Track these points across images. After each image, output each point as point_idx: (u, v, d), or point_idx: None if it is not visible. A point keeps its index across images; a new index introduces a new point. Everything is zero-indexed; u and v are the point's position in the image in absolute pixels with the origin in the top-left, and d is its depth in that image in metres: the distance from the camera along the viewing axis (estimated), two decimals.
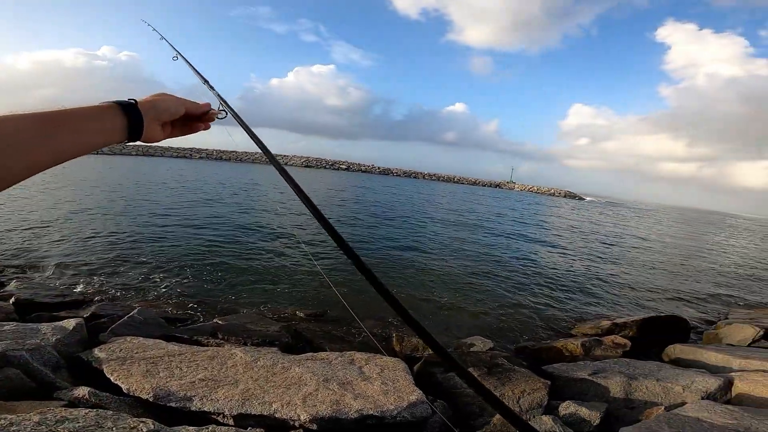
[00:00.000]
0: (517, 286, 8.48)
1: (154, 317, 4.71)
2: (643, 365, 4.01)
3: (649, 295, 9.19)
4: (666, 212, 74.04)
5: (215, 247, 9.07)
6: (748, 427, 2.50)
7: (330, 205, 20.01)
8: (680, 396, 3.37)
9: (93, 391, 2.47)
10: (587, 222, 27.94)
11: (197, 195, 18.59)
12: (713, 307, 8.67)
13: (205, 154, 66.55)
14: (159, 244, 8.87)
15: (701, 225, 42.69)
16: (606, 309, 7.73)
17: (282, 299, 6.35)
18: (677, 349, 4.89)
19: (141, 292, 6.08)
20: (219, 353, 3.36)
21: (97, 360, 2.99)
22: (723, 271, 13.52)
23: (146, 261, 7.59)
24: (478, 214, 23.90)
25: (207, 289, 6.49)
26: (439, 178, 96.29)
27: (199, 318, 5.31)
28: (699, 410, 2.80)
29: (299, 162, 78.44)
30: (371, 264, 7.09)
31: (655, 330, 5.84)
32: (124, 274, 6.76)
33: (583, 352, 4.83)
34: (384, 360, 3.53)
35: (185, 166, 41.29)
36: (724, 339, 5.82)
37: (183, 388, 2.70)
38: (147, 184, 21.07)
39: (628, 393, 3.45)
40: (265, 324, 4.72)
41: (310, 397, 2.73)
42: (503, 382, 3.31)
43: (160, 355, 3.19)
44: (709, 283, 11.13)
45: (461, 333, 5.57)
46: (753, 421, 2.57)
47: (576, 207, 50.25)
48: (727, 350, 4.65)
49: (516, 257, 11.65)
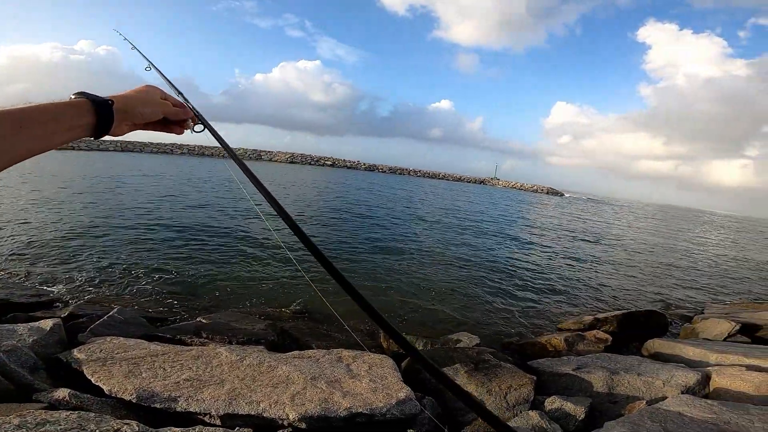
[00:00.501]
0: (502, 283, 8.57)
1: (135, 316, 4.61)
2: (624, 360, 4.08)
3: (629, 290, 9.39)
4: (644, 209, 75.78)
5: (195, 246, 8.90)
6: (728, 422, 2.57)
7: (313, 202, 19.86)
8: (661, 390, 3.44)
9: (74, 393, 2.39)
10: (569, 218, 28.40)
11: (176, 192, 18.25)
12: (690, 302, 8.91)
13: (186, 150, 65.08)
14: (136, 243, 8.67)
15: (678, 222, 43.82)
16: (588, 304, 7.88)
17: (266, 297, 6.28)
18: (656, 343, 4.98)
19: (120, 292, 5.93)
20: (203, 353, 3.30)
21: (76, 361, 2.90)
22: (699, 266, 13.91)
23: (124, 260, 7.40)
24: (463, 211, 24.06)
25: (188, 287, 6.37)
26: (424, 175, 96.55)
27: (181, 317, 5.21)
28: (680, 404, 2.86)
29: (284, 158, 77.55)
30: (355, 262, 7.09)
31: (635, 325, 5.98)
32: (101, 274, 6.58)
33: (567, 347, 4.91)
34: (372, 357, 3.53)
35: (165, 162, 40.43)
36: (701, 333, 5.97)
37: (167, 388, 2.64)
38: (124, 181, 20.59)
39: (610, 388, 3.51)
40: (250, 322, 4.67)
41: (298, 395, 2.70)
42: (490, 378, 3.34)
43: (143, 356, 3.11)
44: (685, 279, 11.44)
45: (447, 329, 5.60)
46: (732, 415, 2.64)
47: (558, 204, 51.02)
48: (704, 345, 4.76)
49: (500, 254, 11.76)
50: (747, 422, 2.55)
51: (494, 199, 43.35)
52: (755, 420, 2.57)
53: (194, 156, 61.00)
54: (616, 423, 2.62)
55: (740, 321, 5.90)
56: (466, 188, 62.45)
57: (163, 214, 12.15)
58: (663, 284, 10.43)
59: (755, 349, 4.57)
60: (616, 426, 2.57)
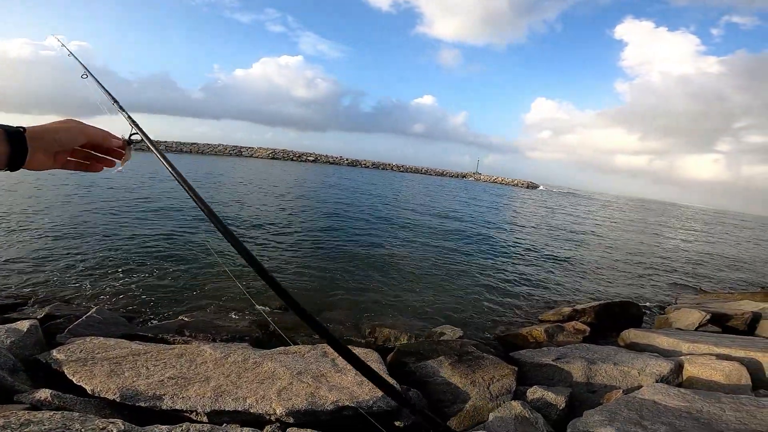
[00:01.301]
0: (483, 277, 8.70)
1: (114, 316, 4.54)
2: (601, 350, 4.20)
3: (606, 282, 9.65)
4: (621, 202, 77.61)
5: (173, 243, 8.75)
6: (700, 410, 2.68)
7: (296, 199, 19.71)
8: (636, 379, 3.55)
9: (56, 393, 2.36)
10: (548, 212, 28.91)
11: (152, 189, 17.88)
12: (664, 293, 9.21)
13: (164, 147, 63.35)
14: (112, 244, 8.44)
15: (653, 215, 45.04)
16: (567, 296, 8.07)
17: (249, 294, 6.23)
18: (632, 333, 5.11)
19: (97, 292, 5.79)
20: (187, 351, 3.27)
21: (56, 362, 2.85)
22: (672, 258, 14.36)
23: (100, 261, 7.22)
24: (444, 206, 24.22)
25: (168, 287, 6.27)
26: (408, 170, 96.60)
27: (162, 316, 5.14)
28: (654, 393, 2.97)
29: (265, 154, 76.36)
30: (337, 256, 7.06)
31: (611, 315, 6.16)
32: (76, 274, 6.41)
33: (547, 338, 5.03)
34: (356, 351, 3.55)
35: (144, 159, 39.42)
36: (674, 323, 6.16)
37: (151, 387, 2.62)
38: (94, 180, 20.07)
39: (589, 377, 3.61)
40: (234, 320, 4.65)
41: (284, 390, 2.71)
42: (474, 369, 3.40)
43: (124, 355, 3.07)
44: (659, 270, 11.80)
45: (432, 322, 5.67)
46: (704, 403, 2.75)
47: (536, 197, 51.85)
48: (676, 334, 4.91)
49: (480, 248, 11.91)
50: (719, 410, 2.65)
51: (475, 193, 43.75)
52: (726, 408, 2.68)
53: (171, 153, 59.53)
54: (595, 412, 2.70)
55: (710, 311, 6.11)
56: (448, 183, 62.84)
57: (137, 214, 11.87)
58: (638, 276, 10.74)
59: (725, 338, 4.75)
60: (594, 414, 2.66)
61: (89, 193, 15.05)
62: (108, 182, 18.62)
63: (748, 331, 5.74)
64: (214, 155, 62.95)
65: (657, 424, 2.48)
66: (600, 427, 2.46)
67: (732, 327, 5.86)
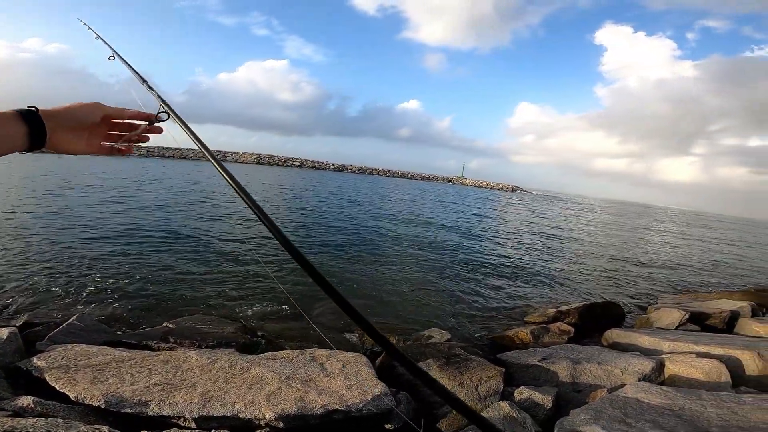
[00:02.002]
0: (469, 280, 8.76)
1: (96, 324, 4.45)
2: (585, 350, 4.27)
3: (589, 283, 9.81)
4: (601, 205, 78.97)
5: (157, 250, 8.57)
6: (682, 407, 2.75)
7: (281, 205, 19.58)
8: (620, 378, 3.62)
9: (38, 400, 2.30)
10: (532, 215, 29.27)
11: (134, 194, 17.58)
12: (644, 293, 9.39)
13: (145, 151, 61.78)
14: (92, 248, 8.27)
15: (633, 217, 45.96)
16: (551, 297, 8.17)
17: (234, 300, 6.15)
18: (614, 333, 5.22)
19: (77, 299, 5.65)
20: (172, 357, 3.23)
21: (37, 369, 2.78)
22: (652, 258, 14.67)
23: (80, 265, 7.05)
24: (430, 210, 24.34)
25: (152, 293, 6.14)
26: (394, 174, 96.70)
27: (146, 322, 5.04)
28: (637, 391, 3.04)
29: (250, 159, 75.56)
30: (324, 262, 7.07)
31: (594, 316, 6.28)
32: (55, 280, 6.24)
33: (533, 339, 5.10)
34: (345, 355, 3.55)
35: (121, 165, 38.66)
36: (655, 323, 6.30)
37: (137, 393, 2.58)
38: (77, 185, 19.65)
39: (574, 377, 3.67)
40: (220, 325, 4.59)
41: (273, 395, 2.69)
42: (461, 371, 3.43)
43: (107, 362, 3.02)
44: (640, 271, 12.05)
45: (419, 326, 5.68)
46: (686, 401, 2.82)
47: (520, 201, 52.44)
48: (657, 333, 5.03)
49: (466, 252, 11.99)
50: (700, 407, 2.73)
51: (461, 197, 44.05)
52: (708, 405, 2.75)
53: (153, 158, 58.17)
54: (581, 411, 2.75)
55: (690, 310, 6.27)
56: (434, 187, 63.12)
57: (119, 218, 11.65)
58: (619, 276, 10.94)
59: (704, 336, 4.88)
60: (581, 413, 2.71)
61: (67, 197, 14.72)
62: (88, 187, 18.27)
63: (727, 330, 5.91)
64: (197, 160, 61.80)
65: (641, 422, 2.54)
66: (586, 426, 2.50)
67: (711, 325, 6.03)
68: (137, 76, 1.22)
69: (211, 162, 0.83)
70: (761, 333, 5.20)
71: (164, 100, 0.97)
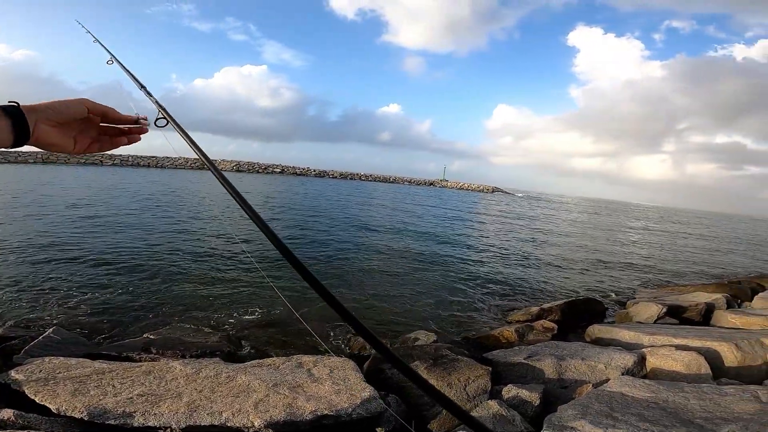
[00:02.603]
0: (454, 281, 8.81)
1: (74, 336, 4.34)
2: (569, 346, 4.33)
3: (570, 280, 10.00)
4: (578, 203, 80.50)
5: (135, 260, 8.35)
6: (665, 400, 2.80)
7: (265, 212, 19.36)
8: (604, 373, 3.68)
9: (18, 413, 2.24)
10: (512, 216, 29.64)
11: (111, 203, 17.14)
12: (623, 288, 9.62)
13: (119, 161, 59.47)
14: (66, 259, 8.03)
15: (608, 214, 47.01)
16: (534, 296, 8.29)
17: (217, 308, 6.03)
18: (596, 329, 5.29)
19: (53, 312, 5.48)
20: (155, 368, 3.15)
21: (15, 382, 2.69)
22: (629, 254, 15.05)
23: (55, 277, 6.85)
24: (411, 214, 24.39)
25: (130, 304, 5.99)
26: (376, 179, 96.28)
27: (125, 334, 4.91)
28: (621, 385, 3.09)
29: (229, 167, 74.03)
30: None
31: (576, 312, 6.39)
32: (30, 293, 6.04)
33: (518, 338, 5.15)
34: (332, 360, 3.52)
35: (96, 174, 37.51)
36: (634, 317, 6.44)
37: (120, 404, 2.51)
38: (51, 194, 19.06)
39: (560, 373, 3.72)
40: (203, 335, 4.51)
41: (261, 403, 2.65)
42: (449, 372, 3.44)
43: (88, 374, 2.93)
44: (618, 266, 12.36)
45: (405, 329, 5.68)
46: (668, 394, 2.88)
47: (501, 202, 53.08)
48: (637, 328, 5.12)
49: (449, 254, 12.07)
50: (683, 400, 2.78)
51: (443, 200, 44.27)
52: (690, 398, 2.81)
53: (127, 167, 56.33)
54: (569, 406, 2.79)
55: (667, 304, 6.42)
56: (416, 191, 63.29)
57: (94, 229, 11.31)
58: (599, 272, 11.19)
59: (682, 329, 5.00)
60: (568, 409, 2.74)
61: (39, 208, 14.25)
62: (61, 198, 17.75)
63: (704, 322, 6.07)
64: (174, 168, 60.28)
65: (627, 416, 2.59)
66: (575, 421, 2.54)
67: (688, 318, 6.18)
68: (135, 82, 1.19)
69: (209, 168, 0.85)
70: (737, 324, 5.35)
71: (162, 107, 0.95)
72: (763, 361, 3.83)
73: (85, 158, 54.74)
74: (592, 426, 2.47)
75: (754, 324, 5.18)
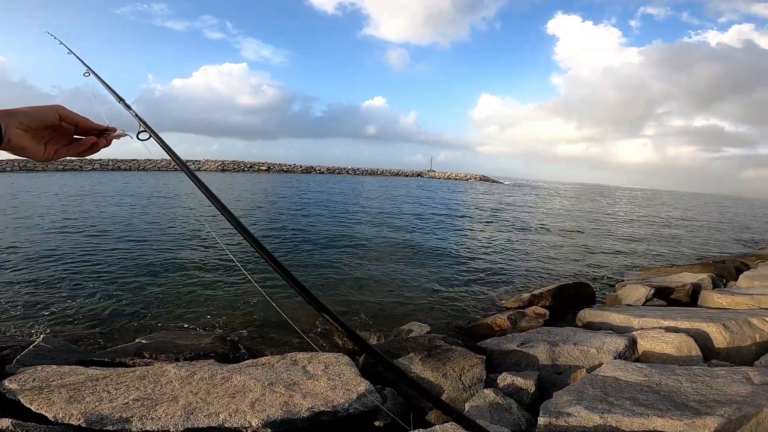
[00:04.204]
0: (443, 270, 8.86)
1: (64, 344, 4.27)
2: (561, 331, 4.36)
3: (558, 265, 10.13)
4: (563, 188, 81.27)
5: (120, 264, 8.22)
6: (658, 383, 2.85)
7: (251, 211, 19.17)
8: (596, 357, 3.72)
9: (16, 422, 2.23)
10: (500, 204, 29.83)
11: (94, 207, 16.87)
12: (612, 271, 9.77)
13: (98, 165, 57.66)
14: (50, 264, 7.91)
15: (593, 198, 47.58)
16: (524, 282, 8.37)
17: (209, 309, 5.98)
18: (587, 313, 5.34)
19: (41, 320, 5.40)
20: (149, 372, 3.12)
21: (10, 392, 2.66)
22: (615, 236, 15.30)
23: (40, 283, 6.75)
24: (399, 205, 24.41)
25: (121, 308, 5.91)
26: (363, 173, 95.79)
27: (117, 340, 4.85)
28: (614, 369, 3.13)
29: (214, 167, 72.95)
30: (297, 262, 6.97)
31: (566, 297, 6.46)
32: (18, 302, 5.92)
33: (511, 325, 5.20)
34: (327, 356, 3.52)
35: (76, 180, 36.74)
36: (623, 300, 6.52)
37: (116, 410, 2.49)
38: (31, 201, 18.68)
39: (553, 359, 3.76)
40: (196, 337, 4.47)
41: (257, 402, 2.65)
42: (444, 362, 3.46)
43: (81, 381, 2.90)
44: (605, 249, 12.55)
45: (398, 321, 5.70)
46: (661, 377, 2.93)
47: (488, 189, 53.40)
48: (626, 311, 5.19)
49: (438, 243, 12.12)
50: (676, 383, 2.82)
51: (431, 190, 44.34)
52: (683, 380, 2.85)
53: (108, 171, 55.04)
54: (564, 392, 2.82)
55: (654, 285, 6.51)
56: (403, 182, 63.28)
57: (77, 236, 11.10)
58: (587, 256, 11.34)
59: (670, 311, 5.08)
60: (563, 395, 2.77)
61: (19, 215, 13.98)
62: (42, 206, 17.42)
63: (691, 302, 6.19)
64: (158, 171, 59.17)
65: (621, 400, 2.63)
66: (570, 407, 2.58)
67: (675, 299, 6.29)
68: (114, 95, 1.17)
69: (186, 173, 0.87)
70: (723, 304, 5.44)
71: (143, 120, 0.96)
72: (752, 341, 3.91)
73: (64, 164, 53.59)
74: (588, 411, 2.51)
75: (740, 303, 5.28)
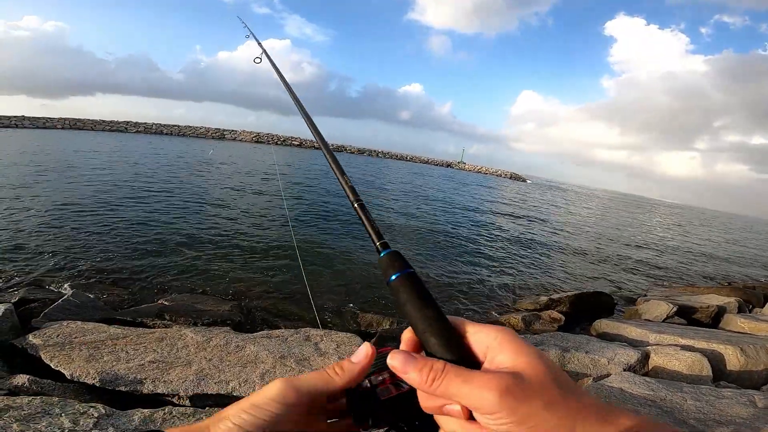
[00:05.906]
0: (464, 266, 8.82)
1: (92, 300, 4.49)
2: (574, 338, 4.34)
3: (581, 272, 9.92)
4: (599, 195, 79.10)
5: (152, 227, 8.50)
6: (663, 398, 2.82)
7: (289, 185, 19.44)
8: (606, 368, 3.70)
9: (33, 379, 2.34)
10: (529, 204, 29.27)
11: (136, 170, 17.43)
12: (636, 284, 9.53)
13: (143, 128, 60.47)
14: (89, 223, 8.24)
15: (628, 209, 46.17)
16: (543, 285, 8.26)
17: (231, 278, 6.14)
18: (603, 323, 5.29)
19: (73, 274, 5.65)
20: (168, 335, 3.26)
21: (33, 347, 2.81)
22: (646, 251, 14.81)
23: (76, 240, 7.04)
24: (426, 194, 24.27)
25: (147, 269, 6.14)
26: (393, 156, 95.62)
27: (141, 299, 5.07)
28: (622, 381, 3.11)
29: (249, 138, 74.51)
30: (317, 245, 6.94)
31: (585, 305, 6.37)
32: (51, 257, 6.21)
33: (525, 326, 5.18)
34: (339, 336, 3.61)
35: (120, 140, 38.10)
36: (643, 315, 6.40)
37: (132, 371, 2.61)
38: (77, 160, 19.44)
39: (562, 365, 3.74)
40: (215, 303, 4.63)
41: (267, 374, 2.74)
42: None
43: (102, 339, 3.05)
44: (634, 262, 12.19)
45: None
46: (667, 393, 2.89)
47: (519, 188, 52.51)
48: (645, 325, 5.10)
49: (461, 239, 12.02)
50: (680, 400, 2.79)
51: (460, 182, 43.87)
52: (688, 398, 2.82)
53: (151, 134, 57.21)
54: None
55: (678, 303, 6.36)
56: (433, 171, 62.90)
57: (117, 194, 11.57)
58: (613, 267, 11.07)
59: (690, 330, 4.97)
60: None
61: (66, 172, 14.60)
62: (89, 161, 18.10)
63: (713, 324, 6.01)
64: (196, 137, 60.90)
65: None
66: None
67: (697, 320, 6.13)
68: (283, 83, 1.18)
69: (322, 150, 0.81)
70: (746, 329, 5.30)
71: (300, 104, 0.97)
72: (765, 366, 3.82)
73: (110, 125, 55.82)
74: None
75: (762, 330, 5.14)
